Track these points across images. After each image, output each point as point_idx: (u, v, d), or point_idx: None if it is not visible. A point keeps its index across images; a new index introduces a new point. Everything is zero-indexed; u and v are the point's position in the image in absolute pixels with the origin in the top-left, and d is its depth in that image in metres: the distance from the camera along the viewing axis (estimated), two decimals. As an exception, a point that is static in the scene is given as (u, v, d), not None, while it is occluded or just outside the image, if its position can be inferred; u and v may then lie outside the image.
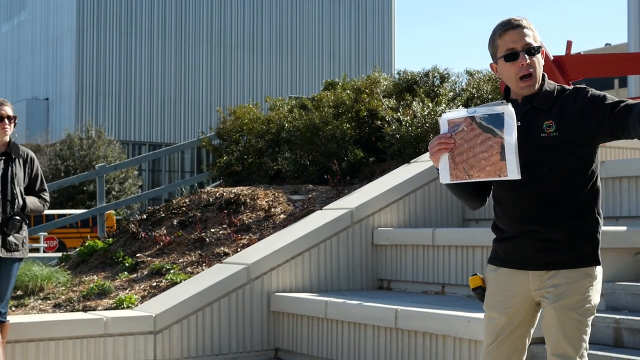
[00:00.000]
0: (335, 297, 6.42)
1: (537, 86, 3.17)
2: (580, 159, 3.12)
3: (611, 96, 3.13)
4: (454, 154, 3.07)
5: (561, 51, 7.51)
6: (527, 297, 3.21)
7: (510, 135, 2.98)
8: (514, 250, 3.23)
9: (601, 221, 3.19)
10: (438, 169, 3.15)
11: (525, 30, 3.14)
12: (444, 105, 9.24)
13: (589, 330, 3.15)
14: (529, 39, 3.14)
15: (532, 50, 3.13)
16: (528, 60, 3.12)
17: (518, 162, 2.98)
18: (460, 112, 3.09)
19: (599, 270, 3.18)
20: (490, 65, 3.28)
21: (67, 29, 49.51)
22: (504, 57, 3.15)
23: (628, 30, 11.43)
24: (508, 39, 3.14)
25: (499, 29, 3.17)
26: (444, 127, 3.12)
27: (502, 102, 3.08)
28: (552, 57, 7.21)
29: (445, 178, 3.12)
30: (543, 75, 3.20)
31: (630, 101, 3.05)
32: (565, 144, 3.08)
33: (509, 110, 3.00)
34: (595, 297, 3.16)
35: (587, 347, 3.17)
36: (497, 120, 3.00)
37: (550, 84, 3.21)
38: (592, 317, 3.16)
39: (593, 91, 3.14)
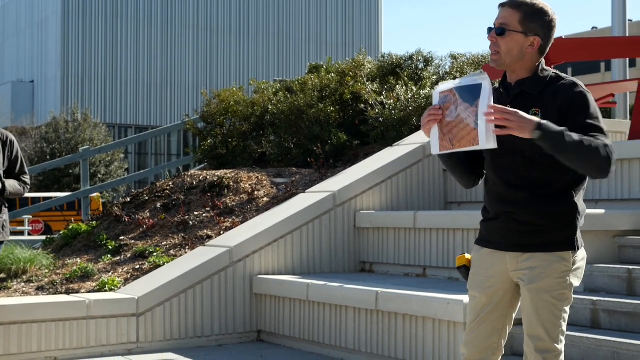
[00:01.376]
0: (317, 280, 6.46)
1: (499, 63, 3.21)
2: None
3: (591, 114, 3.09)
4: (442, 125, 3.13)
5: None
6: (506, 277, 3.26)
7: (484, 105, 3.02)
8: (494, 230, 3.29)
9: (580, 208, 3.19)
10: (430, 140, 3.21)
11: (509, 9, 3.18)
12: (427, 88, 9.27)
13: (564, 315, 3.17)
14: (504, 20, 3.18)
15: (498, 30, 3.18)
16: (495, 39, 3.19)
17: (491, 131, 3.00)
18: (448, 84, 3.17)
19: (579, 255, 3.20)
20: None
21: (52, 11, 49.22)
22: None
23: (612, 13, 11.45)
24: (498, 15, 3.23)
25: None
26: (435, 99, 3.20)
27: (481, 71, 3.13)
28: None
29: (435, 149, 3.18)
30: (539, 62, 3.22)
31: (591, 135, 3.02)
32: None
33: (486, 81, 3.05)
34: (574, 282, 3.18)
35: (564, 331, 3.19)
36: (475, 90, 3.06)
37: (545, 71, 3.22)
38: (569, 302, 3.18)
39: (579, 97, 3.12)
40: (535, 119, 2.98)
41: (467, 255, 3.42)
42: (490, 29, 3.21)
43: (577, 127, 3.04)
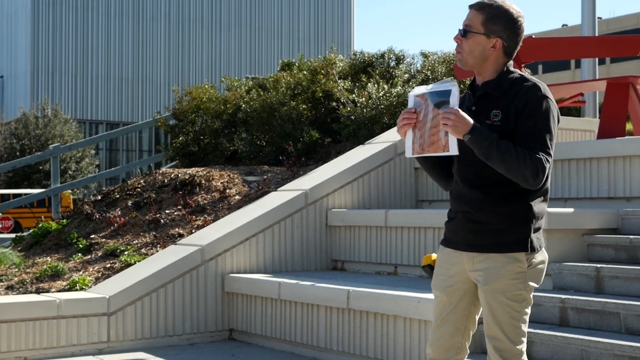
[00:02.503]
0: (289, 278, 6.47)
1: (463, 63, 3.27)
2: None
3: (541, 121, 3.12)
4: (415, 128, 3.17)
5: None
6: (465, 277, 3.29)
7: None
8: (453, 230, 3.34)
9: (536, 209, 3.22)
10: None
11: (474, 11, 3.25)
12: (399, 87, 9.30)
13: (524, 316, 3.20)
14: (469, 21, 3.25)
15: (465, 32, 3.25)
16: (459, 40, 3.25)
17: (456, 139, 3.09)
18: (422, 89, 3.22)
19: (538, 257, 3.22)
20: None
21: (21, 4, 48.73)
22: None
23: (582, 11, 11.55)
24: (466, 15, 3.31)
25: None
26: (410, 102, 3.24)
27: (451, 79, 3.18)
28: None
29: (408, 152, 3.23)
30: (507, 65, 3.26)
31: (525, 145, 3.09)
32: (504, 134, 3.14)
33: (454, 88, 3.11)
34: (531, 283, 3.21)
35: (524, 332, 3.22)
36: (445, 96, 3.11)
37: (511, 73, 3.26)
38: (527, 303, 3.21)
39: (535, 101, 3.15)
40: (471, 122, 3.07)
41: (434, 255, 3.47)
42: (458, 30, 3.28)
43: (522, 130, 3.12)
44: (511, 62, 3.29)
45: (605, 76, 11.60)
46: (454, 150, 3.09)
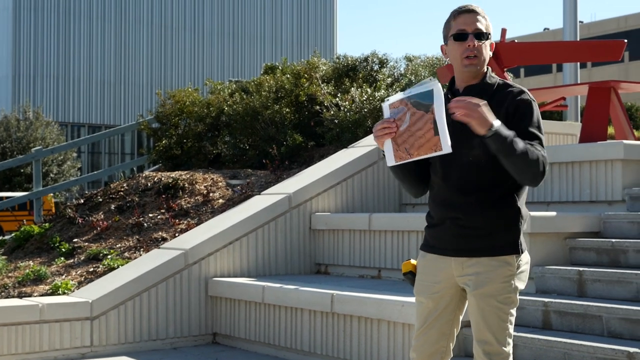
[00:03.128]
0: (272, 282, 6.47)
1: (481, 72, 3.25)
2: None
3: (534, 122, 3.16)
4: (395, 136, 3.15)
5: (496, 39, 7.62)
6: (452, 282, 3.30)
7: (440, 110, 3.05)
8: (439, 236, 3.32)
9: (523, 211, 3.25)
10: (384, 152, 3.21)
11: (478, 16, 3.24)
12: (382, 90, 9.33)
13: (511, 318, 3.23)
14: (480, 25, 3.23)
15: (480, 36, 3.22)
16: (475, 44, 3.20)
17: (448, 136, 3.05)
18: (398, 96, 3.19)
19: (523, 259, 3.25)
20: (441, 47, 3.36)
21: (3, 7, 48.47)
22: (453, 35, 3.23)
23: (563, 15, 11.63)
24: (461, 21, 3.23)
25: (455, 12, 3.27)
26: (386, 113, 3.20)
27: (430, 78, 3.15)
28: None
29: (390, 160, 3.19)
30: (487, 68, 3.28)
31: (529, 144, 3.09)
32: None
33: (437, 87, 3.08)
34: (519, 285, 3.23)
35: (511, 334, 3.24)
36: (428, 97, 3.09)
37: (492, 78, 3.28)
38: (514, 305, 3.24)
39: (525, 105, 3.19)
40: (494, 117, 3.03)
41: (413, 261, 3.45)
42: (464, 35, 3.21)
43: (518, 133, 3.11)
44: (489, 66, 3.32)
45: (586, 80, 11.69)
46: (447, 148, 3.04)
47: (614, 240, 5.69)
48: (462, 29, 3.22)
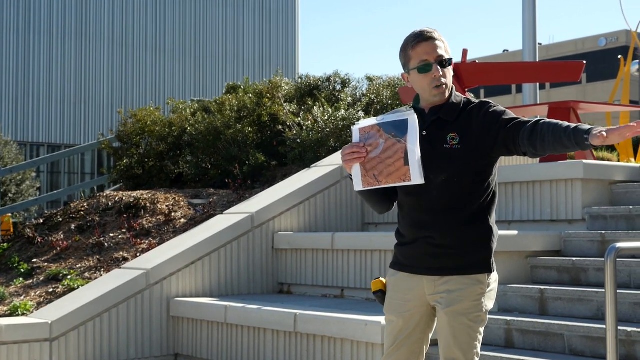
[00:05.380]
0: (235, 302, 6.43)
1: (446, 95, 3.26)
2: (478, 171, 3.21)
3: (511, 112, 3.24)
4: (364, 161, 3.14)
5: (457, 59, 7.69)
6: (423, 301, 3.30)
7: (413, 141, 3.05)
8: (411, 255, 3.32)
9: (495, 230, 3.28)
10: (351, 176, 3.20)
11: (437, 42, 3.22)
12: (343, 110, 9.35)
13: (480, 337, 3.24)
14: (441, 51, 3.22)
15: (444, 63, 3.22)
16: (440, 72, 3.20)
17: (421, 167, 3.06)
18: (370, 121, 3.18)
19: (493, 277, 3.27)
20: (402, 75, 3.34)
21: (-39, 25, 47.90)
22: (417, 68, 3.21)
23: (523, 37, 11.78)
24: (421, 51, 3.21)
25: (412, 41, 3.23)
26: (355, 137, 3.18)
27: (407, 108, 3.17)
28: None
29: (358, 185, 3.18)
30: (452, 87, 3.30)
31: (524, 118, 3.17)
32: (466, 156, 3.17)
33: (412, 117, 3.08)
34: (488, 304, 3.25)
35: (479, 352, 3.26)
36: (402, 126, 3.09)
37: (457, 97, 3.30)
38: (484, 323, 3.26)
39: (496, 107, 3.24)
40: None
41: (383, 279, 3.45)
42: (428, 66, 3.20)
43: (506, 126, 3.14)
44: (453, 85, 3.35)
45: (545, 101, 11.82)
46: (417, 180, 3.05)
47: (574, 258, 5.75)
48: (424, 60, 3.20)
